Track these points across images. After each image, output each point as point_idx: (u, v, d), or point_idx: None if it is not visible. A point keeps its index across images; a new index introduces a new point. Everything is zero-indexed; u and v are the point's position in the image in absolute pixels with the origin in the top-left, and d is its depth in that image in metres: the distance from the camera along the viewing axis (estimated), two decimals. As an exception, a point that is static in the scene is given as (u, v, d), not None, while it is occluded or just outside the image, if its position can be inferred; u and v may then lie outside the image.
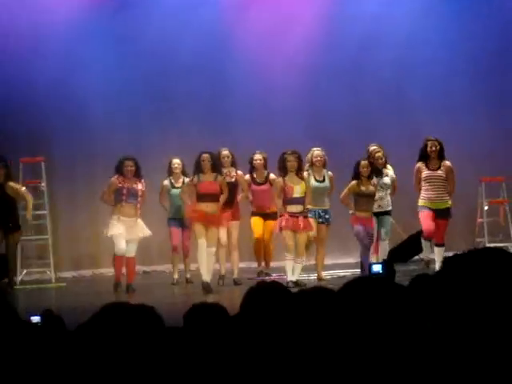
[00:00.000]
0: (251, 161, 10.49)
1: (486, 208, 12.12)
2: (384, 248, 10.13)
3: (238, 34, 12.56)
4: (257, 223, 10.52)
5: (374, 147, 10.26)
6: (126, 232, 9.69)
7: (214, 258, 9.67)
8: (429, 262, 10.29)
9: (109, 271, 11.19)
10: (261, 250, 10.60)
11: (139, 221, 9.88)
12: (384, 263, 4.72)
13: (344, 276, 10.06)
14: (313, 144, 10.48)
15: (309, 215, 9.78)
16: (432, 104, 12.68)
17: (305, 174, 9.94)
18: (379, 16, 12.76)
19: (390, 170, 10.29)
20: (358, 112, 12.54)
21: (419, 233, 11.35)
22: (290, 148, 9.88)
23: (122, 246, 9.66)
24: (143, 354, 2.41)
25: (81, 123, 12.04)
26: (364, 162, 9.80)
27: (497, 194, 12.28)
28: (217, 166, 9.73)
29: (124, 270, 9.89)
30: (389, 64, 12.62)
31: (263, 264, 10.67)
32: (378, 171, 10.00)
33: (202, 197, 9.58)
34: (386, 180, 10.13)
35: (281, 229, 9.60)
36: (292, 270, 9.56)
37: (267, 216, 10.44)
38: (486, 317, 2.10)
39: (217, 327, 2.89)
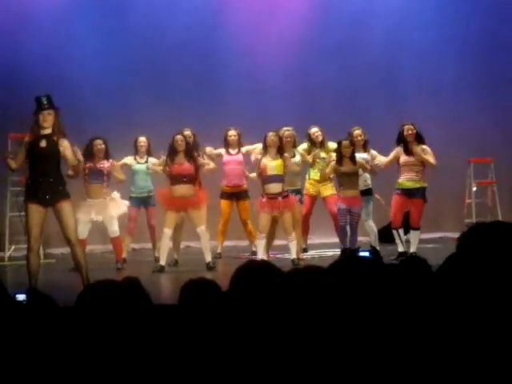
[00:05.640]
0: (225, 137, 10.50)
1: (474, 189, 12.17)
2: (369, 228, 10.15)
3: (229, 9, 12.52)
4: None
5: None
6: (96, 213, 9.65)
7: (208, 236, 9.59)
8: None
9: (97, 248, 11.22)
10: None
11: (113, 198, 9.79)
12: (372, 249, 4.70)
13: (332, 255, 10.08)
14: (303, 121, 10.50)
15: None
16: (421, 85, 12.68)
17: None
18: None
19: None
20: (347, 90, 12.53)
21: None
22: (281, 125, 9.93)
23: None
24: (131, 331, 2.41)
25: (69, 99, 11.93)
26: (346, 142, 9.81)
27: (485, 175, 12.33)
28: (190, 147, 9.61)
29: None
30: (379, 43, 12.62)
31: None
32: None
33: (175, 179, 9.45)
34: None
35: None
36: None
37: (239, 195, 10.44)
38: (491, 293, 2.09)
39: (211, 304, 2.90)
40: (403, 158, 9.91)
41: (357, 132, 10.14)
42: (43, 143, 7.56)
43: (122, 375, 2.37)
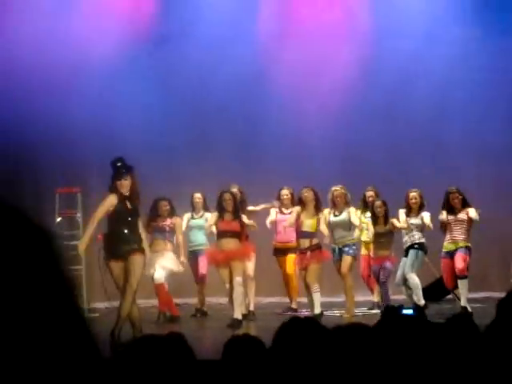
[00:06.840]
0: (278, 196, 10.59)
1: (521, 247, 12.00)
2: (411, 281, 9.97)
3: (273, 72, 12.65)
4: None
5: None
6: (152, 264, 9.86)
7: (241, 289, 9.56)
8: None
9: (141, 302, 11.23)
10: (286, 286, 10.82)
11: (172, 254, 10.16)
12: (415, 307, 4.67)
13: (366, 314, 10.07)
14: (347, 181, 10.51)
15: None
16: (468, 147, 12.59)
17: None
18: (415, 58, 12.74)
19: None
20: (392, 154, 12.52)
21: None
22: (324, 188, 10.10)
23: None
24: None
25: (115, 155, 12.17)
26: (378, 202, 10.07)
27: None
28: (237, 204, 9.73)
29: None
30: (424, 106, 12.62)
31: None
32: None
33: (221, 234, 9.58)
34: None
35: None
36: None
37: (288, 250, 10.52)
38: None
39: (254, 360, 2.88)
40: (449, 218, 9.90)
41: (412, 194, 10.07)
42: (127, 205, 7.99)
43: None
